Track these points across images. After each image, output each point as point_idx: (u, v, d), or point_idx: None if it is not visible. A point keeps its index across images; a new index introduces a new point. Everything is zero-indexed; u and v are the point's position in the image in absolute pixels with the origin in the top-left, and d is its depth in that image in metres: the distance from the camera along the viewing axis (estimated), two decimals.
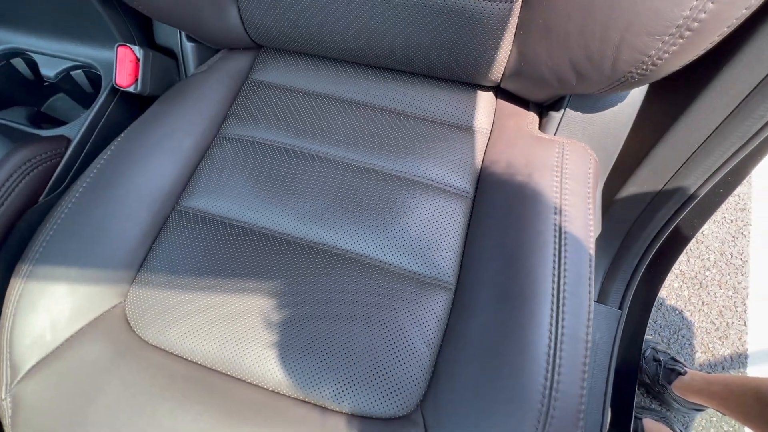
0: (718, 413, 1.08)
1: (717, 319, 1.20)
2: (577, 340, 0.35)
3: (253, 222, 0.48)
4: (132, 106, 0.56)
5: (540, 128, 0.50)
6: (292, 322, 0.41)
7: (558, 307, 0.36)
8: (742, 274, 1.26)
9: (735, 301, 1.22)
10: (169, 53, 0.57)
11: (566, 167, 0.43)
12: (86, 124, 0.50)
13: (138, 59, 0.49)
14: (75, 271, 0.43)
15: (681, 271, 1.27)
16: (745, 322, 1.20)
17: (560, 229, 0.39)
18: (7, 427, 0.38)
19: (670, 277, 1.26)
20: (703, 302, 1.23)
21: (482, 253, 0.43)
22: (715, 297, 1.22)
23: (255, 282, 0.44)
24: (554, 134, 0.48)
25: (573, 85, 0.40)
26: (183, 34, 0.57)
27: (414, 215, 0.47)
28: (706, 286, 1.24)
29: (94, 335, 0.41)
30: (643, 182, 0.56)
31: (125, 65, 0.49)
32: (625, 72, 0.35)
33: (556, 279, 0.37)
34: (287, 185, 0.50)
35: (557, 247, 0.39)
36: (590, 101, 0.45)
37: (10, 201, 0.44)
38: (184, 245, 0.47)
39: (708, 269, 1.28)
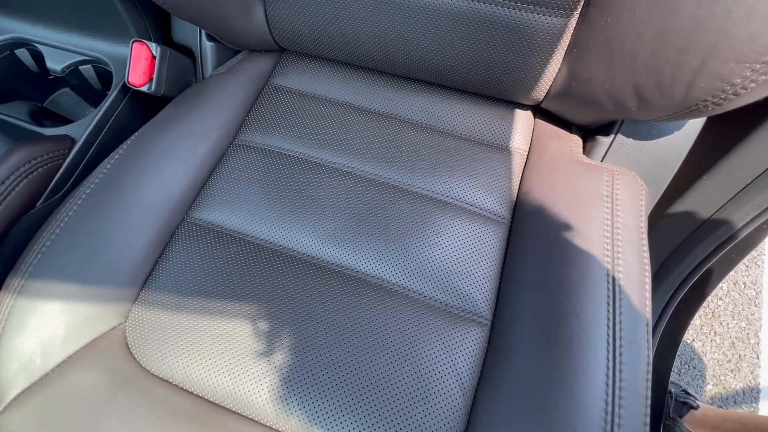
0: None
1: (729, 350, 1.17)
2: (637, 395, 0.31)
3: (269, 239, 0.44)
4: (143, 107, 0.52)
5: (584, 153, 0.47)
6: (312, 355, 0.37)
7: (615, 355, 0.32)
8: (756, 305, 1.23)
9: (748, 333, 1.19)
10: (187, 52, 0.53)
11: (617, 198, 0.39)
12: (93, 124, 0.46)
13: (154, 57, 0.46)
14: (72, 286, 0.38)
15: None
16: (758, 355, 1.17)
17: (614, 266, 0.36)
18: None
19: None
20: (715, 332, 1.19)
21: (522, 286, 0.39)
22: (728, 328, 1.19)
23: (271, 307, 0.40)
24: (601, 160, 0.45)
25: (632, 111, 0.37)
26: (203, 32, 0.53)
27: (445, 239, 0.43)
28: (719, 316, 1.21)
29: (90, 361, 0.37)
30: (685, 212, 0.52)
31: (140, 63, 0.45)
32: (698, 101, 0.31)
33: (611, 323, 0.34)
34: (308, 200, 0.46)
35: (611, 287, 0.35)
36: (645, 127, 0.42)
37: (5, 205, 0.39)
38: (193, 261, 0.43)
39: (721, 298, 1.25)
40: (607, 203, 0.39)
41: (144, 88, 0.46)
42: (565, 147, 0.45)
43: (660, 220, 0.55)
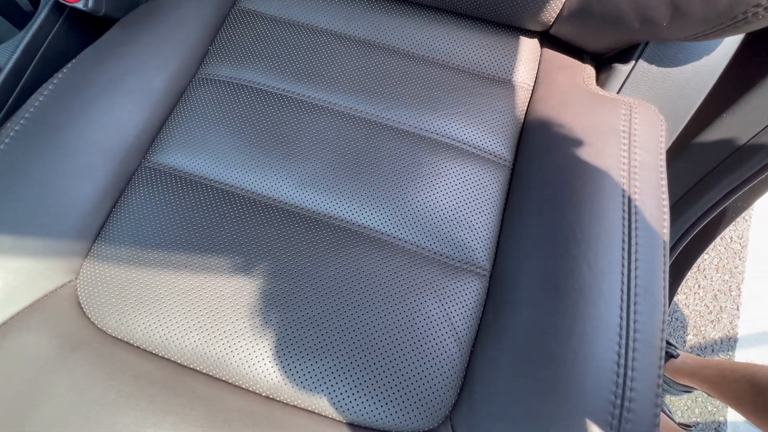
0: (703, 394, 1.09)
1: (711, 302, 1.20)
2: (651, 347, 0.28)
3: (240, 185, 0.39)
4: (85, 30, 0.44)
5: (599, 84, 0.41)
6: (292, 312, 0.33)
7: (629, 305, 0.29)
8: (740, 259, 1.24)
9: (730, 285, 1.21)
10: None
11: (635, 134, 0.35)
12: (21, 48, 0.38)
13: None
14: (9, 239, 0.33)
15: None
16: (738, 307, 1.20)
17: (630, 209, 0.32)
18: None
19: None
20: (699, 285, 1.21)
21: (526, 233, 0.35)
22: (712, 281, 1.21)
23: (244, 260, 0.35)
24: (618, 92, 0.39)
25: (662, 28, 0.31)
26: None
27: (440, 184, 0.39)
28: (704, 270, 1.22)
29: (36, 322, 0.32)
30: (696, 156, 0.48)
31: None
32: (749, 5, 0.26)
33: (626, 272, 0.30)
34: (284, 141, 0.40)
35: (627, 231, 0.31)
36: (671, 51, 0.36)
37: None
38: (153, 211, 0.37)
39: (707, 252, 1.26)
40: (624, 139, 0.35)
41: (79, 5, 0.38)
42: (577, 78, 0.40)
43: (679, 153, 0.51)
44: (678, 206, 0.53)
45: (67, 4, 0.38)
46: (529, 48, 0.45)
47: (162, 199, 0.38)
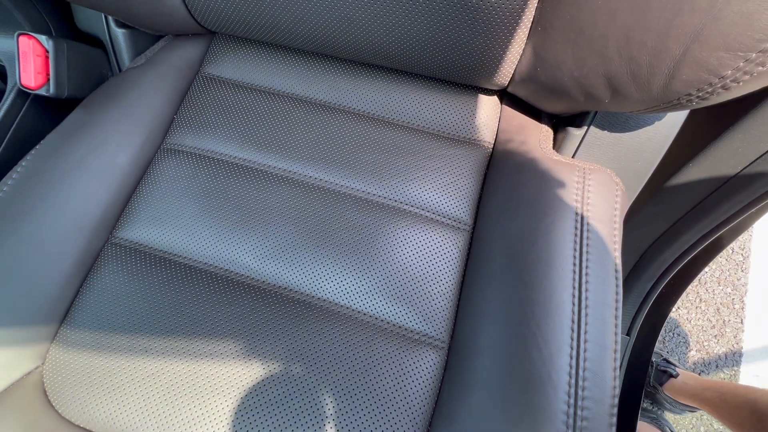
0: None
1: (714, 316, 1.17)
2: (600, 402, 0.28)
3: (203, 259, 0.39)
4: (53, 111, 0.45)
5: (555, 146, 0.41)
6: (251, 395, 0.34)
7: (576, 392, 0.29)
8: (742, 271, 1.22)
9: (733, 299, 1.19)
10: (96, 42, 0.46)
11: (588, 202, 0.34)
12: None
13: (47, 52, 0.38)
14: None
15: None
16: (741, 320, 1.17)
17: (580, 288, 0.32)
18: None
19: None
20: (701, 299, 1.19)
21: (483, 306, 0.35)
22: (714, 294, 1.19)
23: (205, 342, 0.36)
24: (573, 155, 0.39)
25: (605, 103, 0.31)
26: (110, 18, 0.45)
27: (399, 253, 0.39)
28: (705, 283, 1.20)
29: (3, 414, 0.33)
30: (668, 201, 0.48)
31: (30, 61, 0.38)
32: (680, 94, 0.26)
33: (574, 352, 0.30)
34: (246, 213, 0.41)
35: (576, 311, 0.31)
36: (621, 118, 0.36)
37: None
38: (119, 291, 0.38)
39: (708, 265, 1.24)
40: (576, 210, 0.34)
41: (42, 91, 0.39)
42: (533, 140, 0.39)
43: (642, 207, 0.50)
44: (646, 256, 0.53)
45: (29, 91, 0.39)
46: (488, 106, 0.45)
47: (127, 277, 0.39)
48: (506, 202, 0.38)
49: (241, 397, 0.34)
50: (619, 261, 0.33)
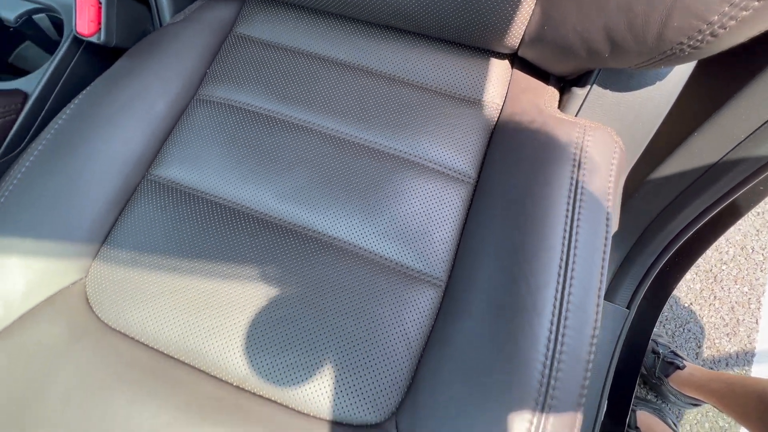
0: (714, 409, 1.06)
1: (728, 315, 1.16)
2: (577, 360, 0.31)
3: (228, 197, 0.43)
4: (101, 59, 0.50)
5: (560, 107, 0.43)
6: (264, 312, 0.37)
7: (559, 321, 0.31)
8: (762, 270, 1.19)
9: (750, 298, 1.16)
10: None
11: (586, 156, 0.37)
12: (46, 77, 0.44)
13: (100, 3, 0.43)
14: (30, 242, 0.39)
15: (696, 263, 1.21)
16: (757, 320, 1.15)
17: (571, 232, 0.34)
18: None
19: None
20: (715, 297, 1.17)
21: (480, 250, 0.38)
22: (729, 292, 1.17)
23: (226, 265, 0.40)
24: (576, 115, 0.41)
25: (605, 58, 0.33)
26: None
27: (406, 200, 0.42)
28: (721, 281, 1.18)
29: (50, 315, 0.38)
30: (672, 173, 0.49)
31: (86, 10, 0.42)
32: (673, 44, 0.28)
33: (560, 289, 0.32)
34: (268, 158, 0.44)
35: (565, 252, 0.33)
36: (623, 77, 0.38)
37: None
38: (153, 219, 0.43)
39: (725, 263, 1.22)
40: (573, 163, 0.36)
41: (93, 39, 0.44)
42: (539, 100, 0.42)
43: (645, 180, 0.51)
44: (650, 229, 0.54)
45: (83, 38, 0.44)
46: (499, 69, 0.47)
47: (160, 208, 0.43)
48: (509, 156, 0.40)
49: (255, 313, 0.37)
50: (610, 211, 0.35)
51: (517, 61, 0.47)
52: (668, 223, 0.53)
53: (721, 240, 1.23)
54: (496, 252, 0.36)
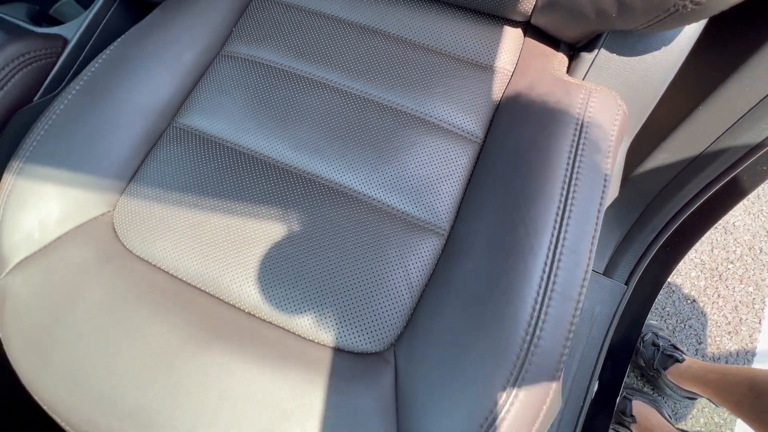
0: (710, 404, 1.07)
1: (731, 313, 1.15)
2: (567, 298, 0.33)
3: (247, 146, 0.46)
4: (136, 12, 0.53)
5: (568, 72, 0.45)
6: (276, 248, 0.40)
7: (553, 262, 0.33)
8: None
9: (754, 298, 1.16)
10: None
11: (589, 116, 0.38)
12: (84, 25, 0.47)
13: None
14: (65, 174, 0.42)
15: (702, 260, 1.21)
16: (760, 320, 1.15)
17: (570, 182, 0.36)
18: None
19: (688, 265, 1.20)
20: (719, 295, 1.17)
21: (483, 201, 0.40)
22: (734, 291, 1.17)
23: (243, 205, 0.42)
24: (583, 78, 0.43)
25: (613, 18, 0.35)
26: None
27: (415, 155, 0.44)
28: (726, 279, 1.18)
29: (81, 239, 0.41)
30: (675, 149, 0.50)
31: None
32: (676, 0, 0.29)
33: (555, 233, 0.34)
34: (286, 111, 0.47)
35: (563, 200, 0.35)
36: (630, 41, 0.39)
37: (3, 94, 0.43)
38: (176, 162, 0.46)
39: (732, 262, 1.21)
40: (577, 121, 0.38)
41: None
42: (548, 64, 0.43)
43: (648, 158, 0.53)
44: (660, 197, 0.55)
45: None
46: (511, 37, 0.48)
47: (184, 153, 0.46)
48: (516, 118, 0.42)
49: (268, 248, 0.40)
50: (609, 168, 0.37)
51: (529, 29, 0.49)
52: (670, 199, 0.54)
53: (729, 239, 1.23)
54: (497, 201, 0.38)
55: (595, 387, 0.63)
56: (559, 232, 0.34)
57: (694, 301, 1.17)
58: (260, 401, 0.33)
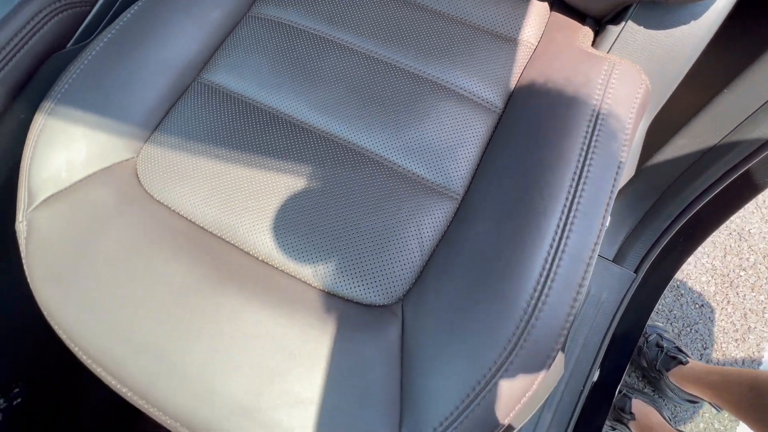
0: (710, 410, 1.06)
1: (739, 321, 1.14)
2: (577, 260, 0.33)
3: (270, 104, 0.47)
4: None
5: (594, 45, 0.45)
6: (292, 200, 0.41)
7: (566, 224, 0.34)
8: None
9: (765, 307, 1.14)
10: None
11: (611, 88, 0.38)
12: None
13: None
14: (93, 118, 0.43)
15: (713, 266, 1.19)
16: None
17: (588, 150, 0.36)
18: (22, 248, 0.41)
19: (699, 269, 1.19)
20: (728, 301, 1.15)
21: (498, 168, 0.40)
22: (744, 299, 1.15)
23: (262, 158, 0.43)
24: (608, 52, 0.43)
25: None
26: None
27: (434, 120, 0.44)
28: (737, 287, 1.16)
29: (106, 181, 0.43)
30: (695, 135, 0.50)
31: None
32: None
33: (570, 197, 0.35)
34: (310, 72, 0.48)
35: (579, 166, 0.35)
36: (658, 14, 0.39)
37: (38, 38, 0.44)
38: (200, 115, 0.47)
39: (744, 269, 1.20)
40: (598, 92, 0.38)
41: None
42: (573, 38, 0.43)
43: (667, 144, 0.52)
44: (677, 184, 0.55)
45: None
46: (537, 10, 0.48)
47: (207, 107, 0.47)
48: (537, 88, 0.42)
49: (284, 199, 0.41)
50: (627, 139, 0.37)
51: (555, 3, 0.49)
52: (687, 187, 0.54)
53: (743, 246, 1.21)
54: (513, 167, 0.38)
55: (596, 375, 0.63)
56: (573, 196, 0.34)
57: (702, 305, 1.15)
58: (269, 342, 0.34)
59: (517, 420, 0.32)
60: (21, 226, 0.41)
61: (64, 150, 0.42)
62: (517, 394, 0.31)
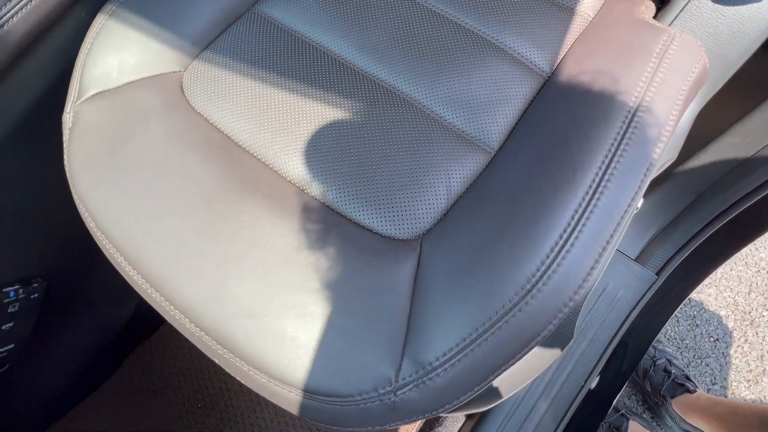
0: None
1: (755, 362, 1.09)
2: (608, 216, 0.32)
3: (319, 41, 0.47)
4: None
5: (656, 17, 0.43)
6: (327, 128, 0.41)
7: (602, 179, 0.33)
8: None
9: None
10: None
11: (668, 57, 0.37)
12: None
13: None
14: (150, 26, 0.45)
15: (735, 301, 1.14)
16: None
17: (634, 114, 0.35)
18: (65, 137, 0.42)
19: (719, 302, 1.14)
20: (746, 340, 1.11)
21: (536, 126, 0.40)
22: (764, 340, 1.10)
23: (304, 87, 0.44)
24: (670, 24, 0.41)
25: None
26: None
27: (478, 74, 0.44)
28: (758, 326, 1.11)
29: (152, 87, 0.44)
30: (746, 134, 0.48)
31: None
32: None
33: (610, 155, 0.34)
34: (362, 15, 0.48)
35: (624, 126, 0.35)
36: None
37: None
38: (249, 41, 0.48)
39: (767, 309, 1.14)
40: (654, 60, 0.37)
41: None
42: (634, 8, 0.42)
43: (713, 142, 0.51)
44: (717, 186, 0.53)
45: None
46: None
47: (258, 35, 0.48)
48: (588, 54, 0.42)
49: (320, 126, 0.42)
50: (678, 108, 0.36)
51: None
52: (727, 190, 0.52)
53: None
54: (554, 123, 0.38)
55: (599, 376, 0.61)
56: (614, 154, 0.33)
57: (717, 340, 1.11)
58: (284, 253, 0.35)
59: (515, 380, 0.32)
60: (68, 117, 0.43)
61: (118, 52, 0.44)
62: (525, 339, 0.31)
